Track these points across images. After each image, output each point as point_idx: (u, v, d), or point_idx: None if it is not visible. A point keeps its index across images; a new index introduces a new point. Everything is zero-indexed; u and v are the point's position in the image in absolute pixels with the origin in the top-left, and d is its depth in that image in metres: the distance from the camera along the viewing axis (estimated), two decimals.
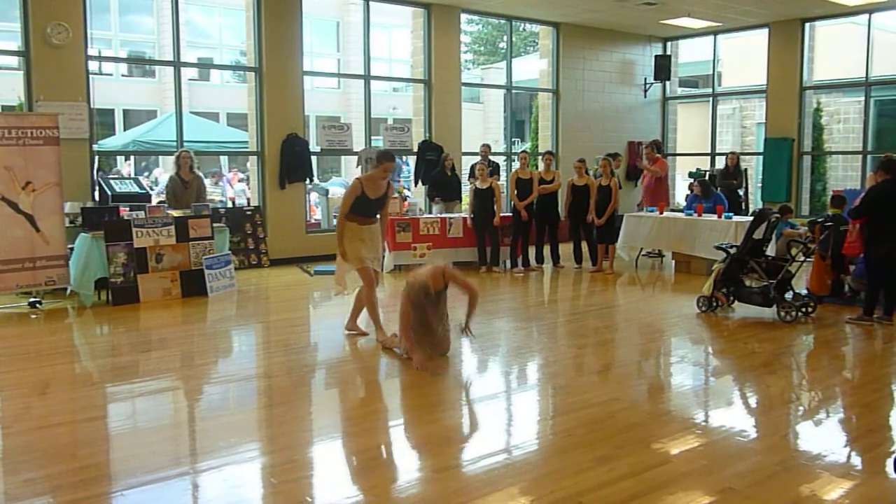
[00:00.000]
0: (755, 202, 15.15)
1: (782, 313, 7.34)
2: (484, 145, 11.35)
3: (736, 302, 7.80)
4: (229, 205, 15.27)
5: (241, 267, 10.60)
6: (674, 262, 10.81)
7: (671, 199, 15.26)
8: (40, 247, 7.98)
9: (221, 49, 26.14)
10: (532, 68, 18.28)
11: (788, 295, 7.62)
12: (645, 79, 15.64)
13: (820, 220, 7.89)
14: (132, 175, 16.97)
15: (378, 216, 6.60)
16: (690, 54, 17.38)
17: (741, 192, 12.34)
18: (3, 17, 20.14)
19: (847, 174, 17.37)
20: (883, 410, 5.07)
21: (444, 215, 10.89)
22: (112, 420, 4.88)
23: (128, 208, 8.95)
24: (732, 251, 7.74)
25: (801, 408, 5.14)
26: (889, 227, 6.98)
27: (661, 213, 10.73)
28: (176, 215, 8.81)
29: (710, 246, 9.71)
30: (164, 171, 20.44)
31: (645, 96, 15.80)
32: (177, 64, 10.93)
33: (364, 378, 5.67)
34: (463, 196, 12.00)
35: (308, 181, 11.79)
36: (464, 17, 13.44)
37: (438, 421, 4.72)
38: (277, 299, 9.08)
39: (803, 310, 7.50)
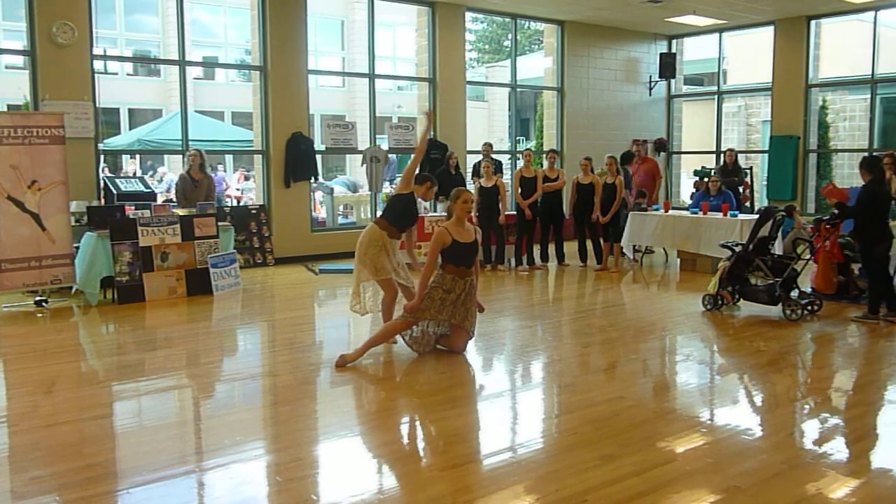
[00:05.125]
0: (761, 200, 15.11)
1: (788, 311, 7.33)
2: (486, 144, 11.35)
3: (741, 300, 7.78)
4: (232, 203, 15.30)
5: (247, 266, 10.62)
6: (679, 260, 10.79)
7: (672, 196, 15.25)
8: (46, 245, 8.00)
9: (226, 48, 26.16)
10: (537, 66, 18.26)
11: (794, 293, 7.60)
12: (650, 77, 15.62)
13: (825, 217, 7.87)
14: (137, 174, 17.02)
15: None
16: (695, 52, 17.34)
17: (741, 189, 12.30)
18: (9, 16, 20.24)
19: (853, 172, 17.27)
20: (888, 408, 5.05)
21: None
22: (118, 418, 4.89)
23: (133, 207, 8.98)
24: (738, 249, 7.73)
25: (806, 406, 5.12)
26: (881, 224, 7.05)
27: (667, 211, 10.71)
28: (181, 214, 8.83)
29: (716, 244, 9.70)
30: (168, 170, 20.49)
31: (650, 94, 15.78)
32: (182, 63, 10.95)
33: (369, 377, 5.67)
34: None
35: (313, 180, 11.80)
36: (468, 15, 13.44)
37: (443, 419, 4.72)
38: (282, 298, 9.10)
39: (809, 308, 7.49)
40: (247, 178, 18.92)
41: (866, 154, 13.20)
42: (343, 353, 5.78)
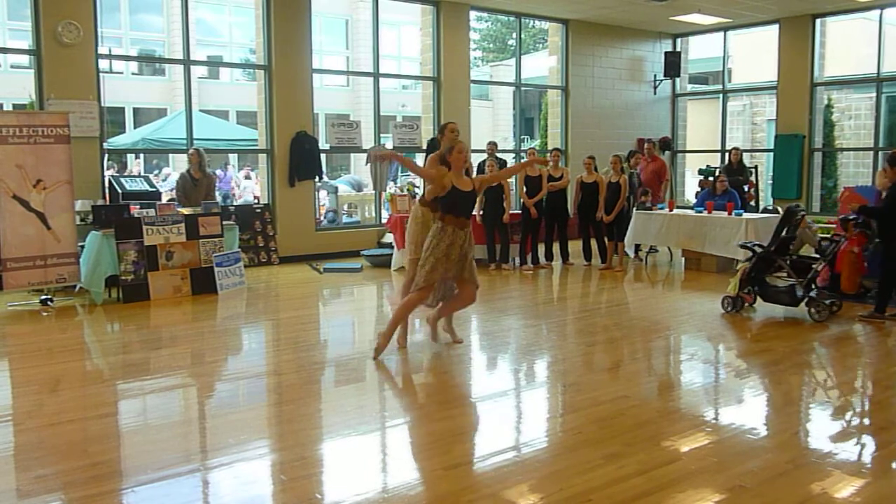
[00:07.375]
0: (766, 199, 15.08)
1: (813, 311, 7.21)
2: (490, 143, 11.33)
3: (758, 301, 7.68)
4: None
5: (251, 265, 10.63)
6: (683, 259, 10.78)
7: (677, 195, 15.22)
8: (51, 244, 8.02)
9: (231, 47, 26.20)
10: (541, 65, 18.26)
11: (813, 293, 7.50)
12: (654, 75, 15.59)
13: (852, 217, 7.73)
14: (142, 173, 17.05)
15: None
16: (700, 51, 17.32)
17: (746, 188, 12.26)
18: (14, 16, 20.31)
19: (858, 171, 17.28)
20: (894, 408, 5.03)
21: None
22: (123, 417, 4.90)
23: (138, 206, 8.99)
24: (758, 250, 7.62)
25: (811, 405, 5.11)
26: None
27: (671, 210, 10.69)
28: (186, 213, 8.84)
29: (721, 243, 9.68)
30: (172, 170, 20.53)
31: (655, 93, 15.75)
32: (187, 62, 10.95)
33: (373, 375, 5.67)
34: None
35: (317, 179, 11.81)
36: (473, 14, 13.43)
37: (448, 418, 4.72)
38: (287, 297, 9.11)
39: (832, 309, 7.37)
40: (248, 177, 18.94)
41: (882, 151, 13.21)
42: (377, 346, 5.84)
